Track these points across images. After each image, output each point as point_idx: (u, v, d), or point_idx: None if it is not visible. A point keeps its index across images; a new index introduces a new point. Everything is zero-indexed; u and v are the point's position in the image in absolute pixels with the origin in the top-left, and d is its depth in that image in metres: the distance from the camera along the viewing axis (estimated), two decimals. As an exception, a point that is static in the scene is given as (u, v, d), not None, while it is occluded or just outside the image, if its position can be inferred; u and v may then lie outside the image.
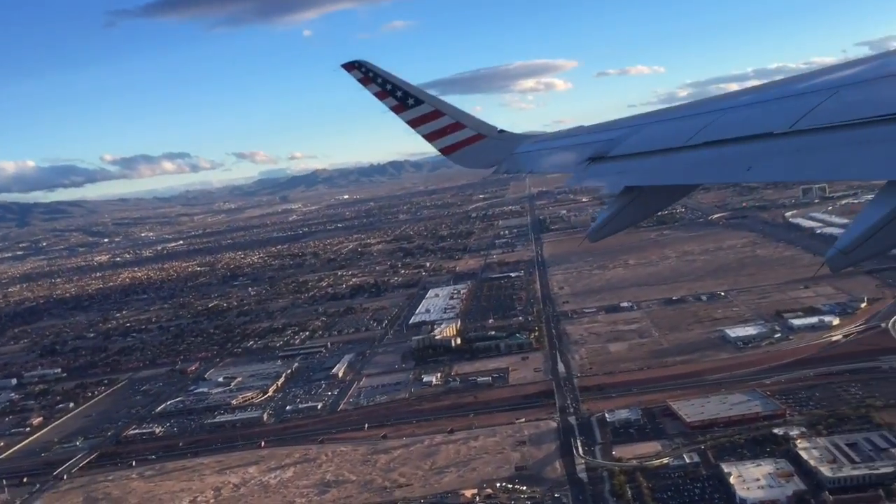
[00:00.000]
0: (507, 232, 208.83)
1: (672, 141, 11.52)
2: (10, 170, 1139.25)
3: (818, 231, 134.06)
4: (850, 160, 7.38)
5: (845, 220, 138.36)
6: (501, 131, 19.74)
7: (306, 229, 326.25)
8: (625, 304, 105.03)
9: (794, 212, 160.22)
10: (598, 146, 13.78)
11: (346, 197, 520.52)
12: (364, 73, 19.20)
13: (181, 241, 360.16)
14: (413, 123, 19.10)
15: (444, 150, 19.32)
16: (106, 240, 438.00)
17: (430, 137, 19.31)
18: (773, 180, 9.20)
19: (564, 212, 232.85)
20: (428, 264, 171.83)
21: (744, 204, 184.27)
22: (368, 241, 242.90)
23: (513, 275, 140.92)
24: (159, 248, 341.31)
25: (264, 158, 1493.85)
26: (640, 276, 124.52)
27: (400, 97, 19.11)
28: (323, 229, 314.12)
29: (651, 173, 11.57)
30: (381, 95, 19.09)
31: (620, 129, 14.45)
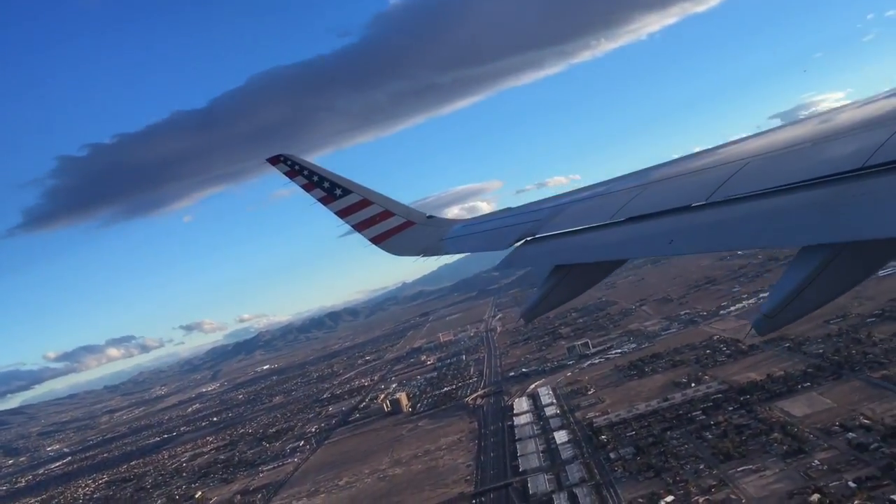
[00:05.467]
0: (315, 428, 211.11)
1: (597, 218, 12.17)
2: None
3: (511, 422, 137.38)
4: (765, 230, 7.91)
5: (554, 410, 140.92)
6: (430, 217, 20.39)
7: (184, 428, 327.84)
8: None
9: (539, 383, 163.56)
10: (526, 227, 14.37)
11: (266, 367, 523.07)
12: (290, 166, 19.75)
13: (69, 459, 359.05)
14: (342, 214, 19.71)
15: (374, 239, 19.86)
16: (11, 461, 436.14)
17: (359, 227, 19.89)
18: (694, 252, 8.98)
19: (394, 385, 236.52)
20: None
21: (524, 369, 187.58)
22: (204, 448, 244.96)
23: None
24: (42, 471, 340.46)
25: (212, 326, 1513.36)
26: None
27: (327, 188, 19.68)
28: (196, 427, 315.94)
29: (579, 251, 12.01)
30: (308, 187, 19.62)
31: (546, 209, 15.07)
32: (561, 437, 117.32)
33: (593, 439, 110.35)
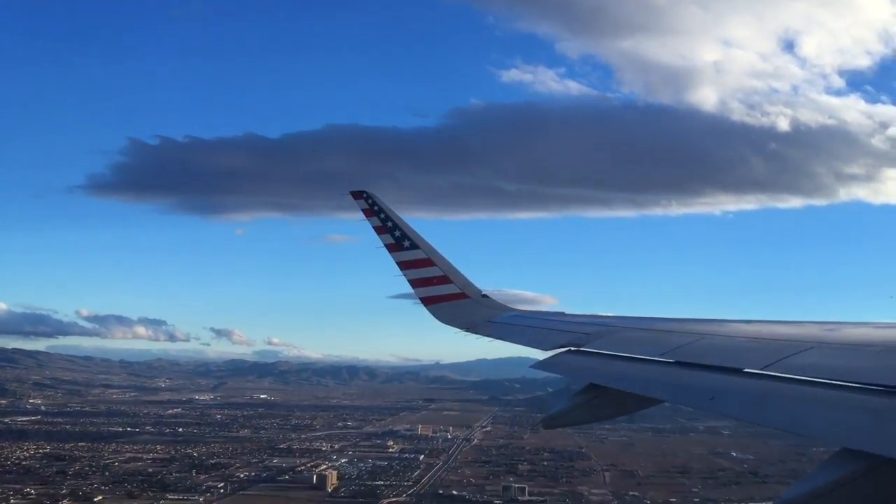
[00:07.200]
0: (244, 475, 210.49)
1: (646, 350, 12.13)
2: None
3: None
4: (811, 419, 7.81)
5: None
6: (485, 296, 20.81)
7: (149, 428, 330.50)
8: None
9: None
10: (574, 336, 14.45)
11: (263, 396, 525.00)
12: (369, 204, 20.63)
13: (38, 418, 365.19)
14: (403, 265, 20.55)
15: (426, 300, 20.53)
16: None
17: (415, 283, 20.54)
18: (732, 416, 8.98)
19: (344, 460, 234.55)
20: None
21: (455, 491, 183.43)
22: (145, 455, 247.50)
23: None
24: (8, 420, 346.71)
25: (241, 339, 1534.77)
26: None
27: (397, 237, 20.37)
28: (158, 431, 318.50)
29: (617, 377, 12.07)
30: (379, 230, 20.65)
31: (599, 325, 15.28)
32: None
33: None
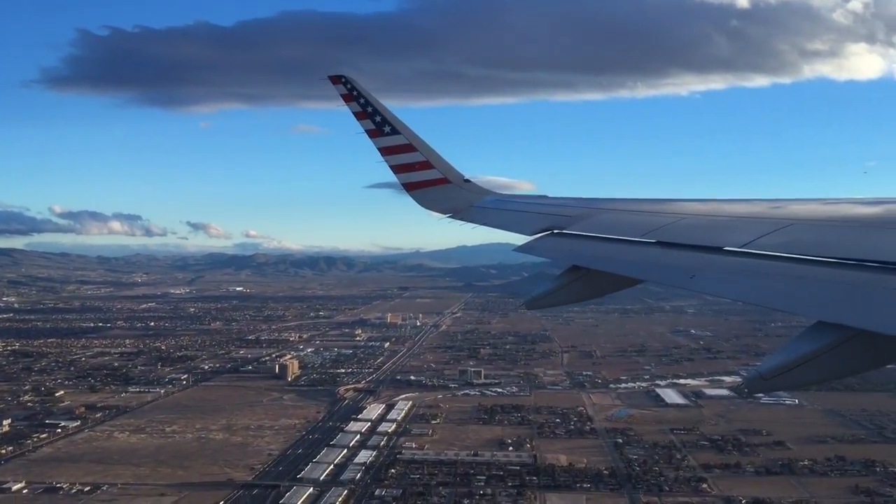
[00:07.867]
0: (209, 366, 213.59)
1: (627, 231, 12.29)
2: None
3: (346, 425, 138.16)
4: (787, 294, 8.07)
5: (387, 429, 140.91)
6: (467, 180, 20.87)
7: (120, 323, 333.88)
8: None
9: (408, 395, 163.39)
10: (556, 219, 14.63)
11: (238, 289, 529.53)
12: (348, 89, 20.10)
13: (9, 315, 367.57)
14: (384, 151, 20.14)
15: (408, 186, 20.37)
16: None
17: (396, 169, 20.31)
18: (712, 293, 9.19)
19: (310, 350, 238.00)
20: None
21: (412, 376, 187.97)
22: (113, 349, 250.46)
23: None
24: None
25: (218, 232, 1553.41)
26: (106, 451, 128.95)
27: (378, 122, 20.04)
28: (130, 326, 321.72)
29: (599, 259, 12.20)
30: (359, 116, 20.09)
31: (581, 208, 15.37)
32: (362, 457, 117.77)
33: (382, 470, 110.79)
